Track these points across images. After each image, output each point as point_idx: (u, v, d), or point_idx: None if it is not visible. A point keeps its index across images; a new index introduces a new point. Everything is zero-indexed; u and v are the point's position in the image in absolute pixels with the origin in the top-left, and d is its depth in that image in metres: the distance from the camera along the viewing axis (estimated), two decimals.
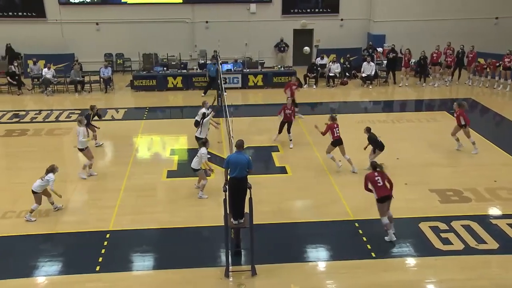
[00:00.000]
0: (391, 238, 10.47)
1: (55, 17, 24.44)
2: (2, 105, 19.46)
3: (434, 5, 24.79)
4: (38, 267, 9.74)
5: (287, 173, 13.86)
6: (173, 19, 24.76)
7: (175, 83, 22.32)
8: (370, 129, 13.47)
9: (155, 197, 12.73)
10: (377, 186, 10.26)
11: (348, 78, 23.56)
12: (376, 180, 10.26)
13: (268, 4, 25.25)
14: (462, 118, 14.63)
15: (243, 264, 9.77)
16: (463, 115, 14.64)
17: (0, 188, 13.09)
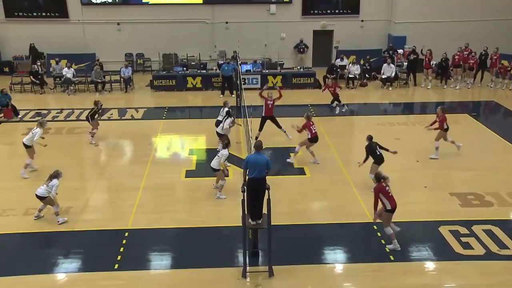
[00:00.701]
0: (395, 247, 10.24)
1: (77, 17, 24.75)
2: (25, 104, 19.77)
3: (456, 7, 24.45)
4: (58, 264, 9.87)
5: (306, 175, 13.82)
6: (193, 20, 24.88)
7: (195, 83, 22.42)
8: (371, 137, 12.59)
9: (174, 196, 12.80)
10: (389, 197, 10.14)
11: (368, 79, 23.38)
12: (387, 191, 10.15)
13: (288, 5, 25.20)
14: (445, 122, 14.41)
15: (260, 264, 9.77)
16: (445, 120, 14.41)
17: (22, 185, 13.28)
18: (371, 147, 12.44)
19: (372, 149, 12.40)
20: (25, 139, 13.74)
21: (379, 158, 12.38)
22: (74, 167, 14.37)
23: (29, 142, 13.66)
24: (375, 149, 12.40)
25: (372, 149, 12.40)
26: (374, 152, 12.36)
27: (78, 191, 12.87)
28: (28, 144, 13.67)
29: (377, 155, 12.36)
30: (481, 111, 20.16)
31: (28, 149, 13.76)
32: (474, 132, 16.89)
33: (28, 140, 13.66)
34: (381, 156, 12.40)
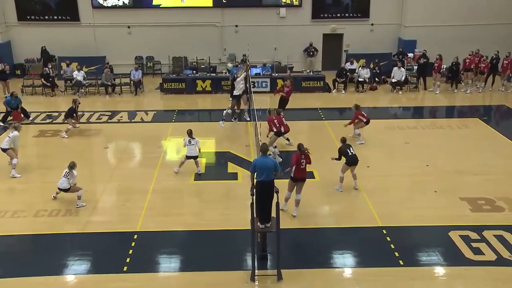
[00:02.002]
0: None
1: (88, 21, 24.92)
2: (36, 106, 19.93)
3: (467, 10, 24.30)
4: (67, 266, 9.92)
5: (315, 178, 13.78)
6: (203, 23, 24.95)
7: (204, 86, 22.47)
8: (345, 139, 13.12)
9: (183, 199, 12.82)
10: (299, 168, 11.31)
11: (378, 83, 23.30)
12: (300, 162, 11.30)
13: (298, 9, 25.19)
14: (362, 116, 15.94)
15: (269, 268, 9.74)
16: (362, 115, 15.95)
17: (32, 187, 13.39)
18: (342, 149, 12.86)
19: (345, 150, 12.80)
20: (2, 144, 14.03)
21: (350, 158, 12.69)
22: (83, 169, 14.40)
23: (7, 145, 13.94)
24: (347, 149, 12.80)
25: (345, 150, 12.80)
26: (346, 152, 12.74)
27: (87, 193, 12.90)
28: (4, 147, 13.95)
29: (349, 155, 12.72)
30: (492, 115, 20.02)
31: (8, 152, 14.02)
32: (484, 136, 16.76)
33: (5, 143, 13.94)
34: (352, 157, 12.69)
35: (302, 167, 11.36)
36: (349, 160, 12.72)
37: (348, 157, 12.70)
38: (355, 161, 12.73)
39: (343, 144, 12.93)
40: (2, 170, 14.16)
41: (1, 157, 14.90)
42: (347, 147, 12.84)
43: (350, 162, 12.73)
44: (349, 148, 12.83)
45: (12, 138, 13.99)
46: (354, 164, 12.74)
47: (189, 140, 13.79)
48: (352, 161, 12.71)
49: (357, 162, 12.76)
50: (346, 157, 12.72)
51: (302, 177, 11.43)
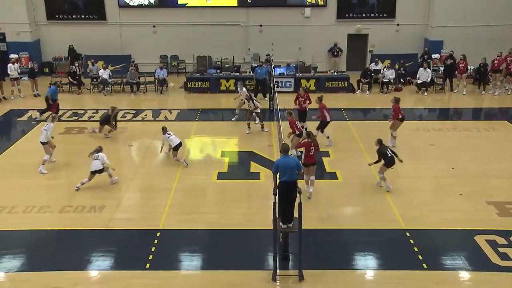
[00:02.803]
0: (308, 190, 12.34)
1: (114, 20, 25.25)
2: (63, 104, 20.23)
3: (495, 10, 23.81)
4: (90, 261, 10.06)
5: (338, 179, 13.69)
6: (228, 22, 25.03)
7: (228, 85, 22.53)
8: (381, 141, 12.81)
9: (205, 198, 12.88)
10: (308, 154, 12.21)
11: (403, 84, 23.02)
12: (310, 149, 12.21)
13: (322, 8, 25.06)
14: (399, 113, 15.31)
15: (290, 268, 9.72)
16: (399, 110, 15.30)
17: (59, 183, 13.62)
18: (381, 151, 12.60)
19: (384, 152, 12.55)
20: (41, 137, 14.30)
21: (390, 159, 12.51)
22: None
23: (45, 139, 14.19)
24: (386, 150, 12.58)
25: (384, 152, 12.55)
26: (385, 154, 12.51)
27: (112, 190, 13.10)
28: (43, 141, 14.21)
29: (389, 156, 12.51)
30: None
31: (45, 146, 14.27)
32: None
33: (43, 136, 14.21)
34: (392, 158, 12.50)
35: (311, 154, 12.32)
36: (388, 161, 12.53)
37: (388, 158, 12.51)
38: (393, 162, 12.57)
39: (381, 146, 12.69)
40: (31, 166, 14.43)
41: (31, 154, 15.23)
42: (385, 149, 12.62)
43: (389, 163, 12.55)
44: (387, 149, 12.64)
45: (48, 130, 14.24)
46: (392, 165, 12.58)
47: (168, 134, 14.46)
48: (392, 162, 12.54)
49: (394, 163, 12.63)
50: (386, 158, 12.52)
51: (312, 162, 12.35)
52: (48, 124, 14.37)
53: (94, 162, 12.97)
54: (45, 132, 14.22)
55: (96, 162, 12.95)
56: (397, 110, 15.29)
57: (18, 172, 14.19)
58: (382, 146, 12.68)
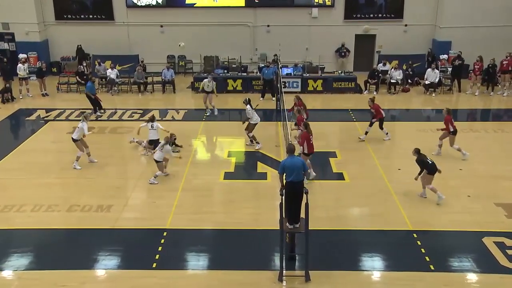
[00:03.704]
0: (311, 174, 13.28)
1: (122, 20, 25.33)
2: (71, 103, 20.35)
3: (504, 11, 23.65)
4: (98, 261, 10.10)
5: (345, 180, 13.66)
6: (235, 23, 25.05)
7: (235, 85, 22.55)
8: (419, 150, 12.34)
9: (212, 198, 12.90)
10: (309, 144, 13.12)
11: (410, 85, 22.93)
12: (310, 139, 13.16)
13: (330, 9, 25.01)
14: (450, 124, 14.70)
15: (296, 269, 9.71)
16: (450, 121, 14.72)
17: (67, 182, 13.68)
18: (421, 159, 12.14)
19: (424, 161, 12.09)
20: (73, 134, 14.44)
21: (432, 167, 12.06)
22: (115, 166, 14.71)
23: (77, 136, 14.32)
24: (426, 159, 12.10)
25: (424, 161, 12.09)
26: (426, 162, 12.06)
27: (119, 189, 13.15)
28: (76, 138, 14.33)
29: (430, 164, 12.04)
30: None
31: (77, 143, 14.39)
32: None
33: (76, 134, 14.34)
34: (433, 165, 12.08)
35: (311, 143, 13.18)
36: (430, 169, 12.05)
37: (429, 165, 12.05)
38: (436, 168, 12.08)
39: (419, 155, 12.22)
40: (39, 165, 14.52)
41: (39, 154, 15.33)
42: (425, 157, 12.18)
43: (432, 171, 12.07)
44: (426, 157, 12.22)
45: (81, 128, 14.34)
46: (435, 172, 12.06)
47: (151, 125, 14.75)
48: (434, 169, 12.07)
49: (435, 172, 12.09)
50: (427, 166, 12.05)
51: (313, 151, 13.28)
52: (81, 123, 14.45)
53: (157, 152, 13.47)
54: (77, 130, 14.39)
55: (159, 153, 13.40)
56: (448, 121, 14.71)
57: (26, 171, 14.27)
58: (420, 155, 12.19)
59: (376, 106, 16.32)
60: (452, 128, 14.69)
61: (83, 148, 14.52)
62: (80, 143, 14.43)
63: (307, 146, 13.14)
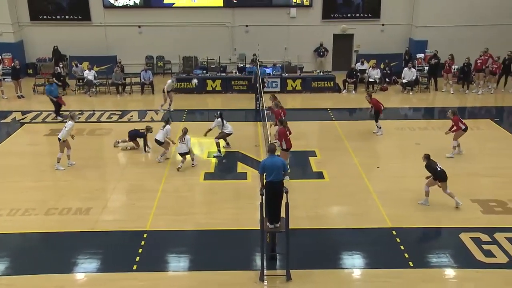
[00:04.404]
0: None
1: (99, 20, 25.06)
2: (47, 105, 20.02)
3: (479, 11, 24.06)
4: (77, 264, 9.98)
5: (324, 179, 13.75)
6: (214, 23, 25.00)
7: (214, 86, 22.51)
8: (429, 156, 12.16)
9: (192, 198, 12.86)
10: (286, 139, 13.43)
11: (388, 84, 23.19)
12: (286, 134, 13.44)
13: (308, 9, 25.13)
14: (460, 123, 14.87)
15: (278, 268, 9.74)
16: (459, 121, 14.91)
17: (44, 185, 13.48)
18: (430, 165, 12.05)
19: (434, 167, 11.99)
20: (60, 134, 14.30)
21: (440, 174, 11.90)
22: (94, 168, 14.56)
23: (64, 137, 14.21)
24: (436, 166, 12.00)
25: (434, 167, 11.99)
26: (435, 169, 11.96)
27: (98, 191, 13.01)
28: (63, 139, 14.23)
29: (439, 171, 11.93)
30: (504, 117, 19.83)
31: (61, 144, 14.27)
32: (496, 137, 16.62)
33: (62, 134, 14.20)
34: (442, 172, 11.89)
35: (288, 138, 13.50)
36: (438, 176, 11.86)
37: (438, 172, 11.87)
38: (445, 176, 11.87)
39: (428, 160, 12.05)
40: (16, 169, 14.29)
41: (15, 157, 15.07)
42: (434, 163, 11.99)
43: (441, 177, 11.87)
44: (436, 164, 12.01)
45: (69, 129, 14.27)
46: (445, 179, 11.86)
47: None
48: (443, 176, 11.86)
49: (446, 178, 11.89)
50: (435, 173, 11.90)
51: (291, 146, 13.60)
52: (68, 122, 14.38)
53: (180, 145, 14.05)
54: (64, 130, 14.27)
55: (182, 146, 13.98)
56: (457, 121, 14.86)
57: (2, 174, 14.03)
58: (430, 161, 12.04)
59: (375, 100, 16.77)
60: (464, 126, 14.86)
61: (65, 150, 14.36)
62: (64, 144, 14.30)
63: (285, 142, 13.39)
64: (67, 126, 14.30)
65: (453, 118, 14.93)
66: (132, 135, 15.80)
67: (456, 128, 14.87)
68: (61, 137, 14.21)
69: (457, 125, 14.85)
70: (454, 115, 14.96)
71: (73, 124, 14.51)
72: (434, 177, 11.95)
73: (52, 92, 19.06)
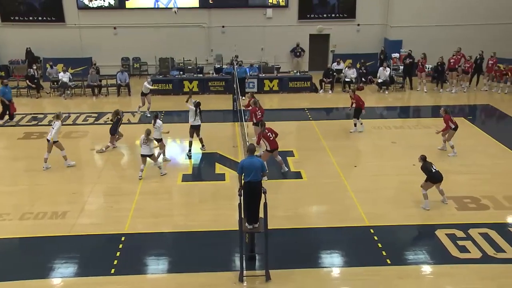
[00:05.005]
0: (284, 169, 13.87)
1: (73, 22, 24.74)
2: (21, 108, 19.72)
3: (452, 11, 24.50)
4: (54, 269, 9.83)
5: (302, 178, 13.82)
6: (190, 24, 24.90)
7: (191, 87, 22.42)
8: (425, 157, 12.17)
9: (170, 200, 12.79)
10: (269, 140, 13.53)
11: (364, 83, 23.42)
12: (268, 136, 13.52)
13: (284, 9, 25.23)
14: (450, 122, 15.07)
15: (257, 269, 9.75)
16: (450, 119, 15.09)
17: (18, 190, 13.25)
18: (426, 167, 12.07)
19: (428, 168, 12.01)
20: (49, 136, 14.28)
21: (434, 175, 11.96)
22: (70, 171, 14.36)
23: (56, 137, 14.24)
24: (431, 167, 12.03)
25: (428, 168, 12.01)
26: (430, 170, 12.00)
27: (75, 195, 12.84)
28: (55, 139, 14.23)
29: (433, 172, 11.98)
30: (477, 115, 20.25)
31: (56, 144, 14.30)
32: (470, 135, 16.93)
33: (51, 135, 14.18)
34: (436, 173, 11.96)
35: (272, 139, 13.55)
36: (433, 177, 11.93)
37: (432, 174, 11.89)
38: (440, 177, 11.99)
39: (424, 162, 12.05)
40: None
41: None
42: (430, 165, 11.99)
43: (435, 179, 11.96)
44: (432, 165, 12.02)
45: (57, 129, 14.23)
46: (439, 180, 12.01)
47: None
48: (437, 177, 11.98)
49: (442, 179, 12.01)
50: (430, 174, 11.91)
51: (276, 147, 13.66)
52: (55, 123, 14.31)
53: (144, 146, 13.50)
54: (52, 131, 14.18)
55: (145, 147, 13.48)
56: (448, 119, 15.02)
57: None
58: (426, 162, 12.04)
59: (357, 96, 16.93)
60: (453, 125, 15.04)
61: (63, 146, 14.44)
62: (56, 144, 14.29)
63: (268, 143, 13.52)
64: (54, 126, 14.25)
65: (444, 116, 15.11)
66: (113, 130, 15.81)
67: (446, 126, 15.07)
68: (49, 137, 14.16)
69: (447, 124, 15.04)
70: (446, 113, 15.12)
71: (60, 124, 14.44)
72: (427, 178, 11.97)
73: (6, 94, 18.54)
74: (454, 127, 15.12)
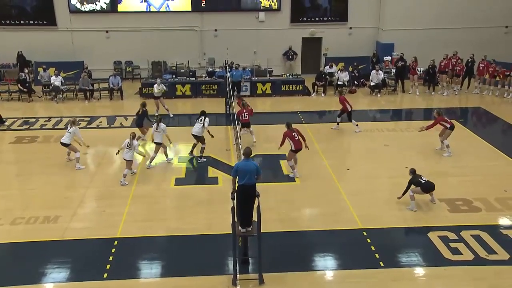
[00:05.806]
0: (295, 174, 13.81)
1: (65, 25, 24.66)
2: (12, 112, 19.62)
3: (443, 14, 24.68)
4: (46, 274, 9.77)
5: (295, 182, 13.83)
6: (182, 27, 24.90)
7: (184, 90, 22.41)
8: (414, 170, 12.23)
9: (164, 204, 12.75)
10: (294, 140, 13.52)
11: (357, 86, 23.52)
12: (293, 136, 13.56)
13: (276, 13, 25.30)
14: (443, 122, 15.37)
15: (250, 272, 9.74)
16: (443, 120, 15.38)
17: (10, 194, 13.17)
18: (414, 181, 12.08)
19: (417, 181, 12.04)
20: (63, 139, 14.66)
21: (425, 185, 11.98)
22: (63, 175, 14.29)
23: (69, 140, 14.61)
24: (419, 179, 12.04)
25: (417, 181, 12.04)
26: (419, 182, 12.01)
27: (67, 199, 12.78)
28: (68, 142, 14.60)
29: (423, 183, 11.97)
30: (468, 118, 20.37)
31: (70, 146, 14.62)
32: (461, 138, 17.01)
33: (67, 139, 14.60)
34: (427, 183, 11.99)
35: (297, 139, 13.59)
36: (424, 187, 11.94)
37: (423, 185, 11.92)
38: (432, 186, 12.05)
39: (414, 175, 12.08)
40: None
41: None
42: (418, 178, 12.02)
43: (426, 189, 12.00)
44: (420, 177, 12.02)
45: (72, 133, 14.54)
46: (431, 189, 12.09)
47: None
48: (429, 187, 12.01)
49: (434, 187, 12.08)
50: (421, 185, 11.93)
51: (300, 147, 13.65)
52: (71, 128, 14.62)
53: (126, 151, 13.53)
54: (68, 135, 14.52)
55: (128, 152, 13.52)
56: (441, 121, 15.26)
57: None
58: (414, 176, 12.08)
59: (342, 98, 17.31)
60: (449, 125, 15.25)
61: (77, 149, 14.65)
62: (73, 146, 14.59)
63: (293, 143, 13.60)
64: (70, 131, 14.57)
65: (437, 118, 15.32)
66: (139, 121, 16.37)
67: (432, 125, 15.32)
68: (64, 141, 14.50)
69: (443, 125, 15.31)
70: (438, 115, 15.35)
71: (76, 128, 14.79)
72: (420, 189, 12.02)
73: None
74: (450, 127, 15.26)
